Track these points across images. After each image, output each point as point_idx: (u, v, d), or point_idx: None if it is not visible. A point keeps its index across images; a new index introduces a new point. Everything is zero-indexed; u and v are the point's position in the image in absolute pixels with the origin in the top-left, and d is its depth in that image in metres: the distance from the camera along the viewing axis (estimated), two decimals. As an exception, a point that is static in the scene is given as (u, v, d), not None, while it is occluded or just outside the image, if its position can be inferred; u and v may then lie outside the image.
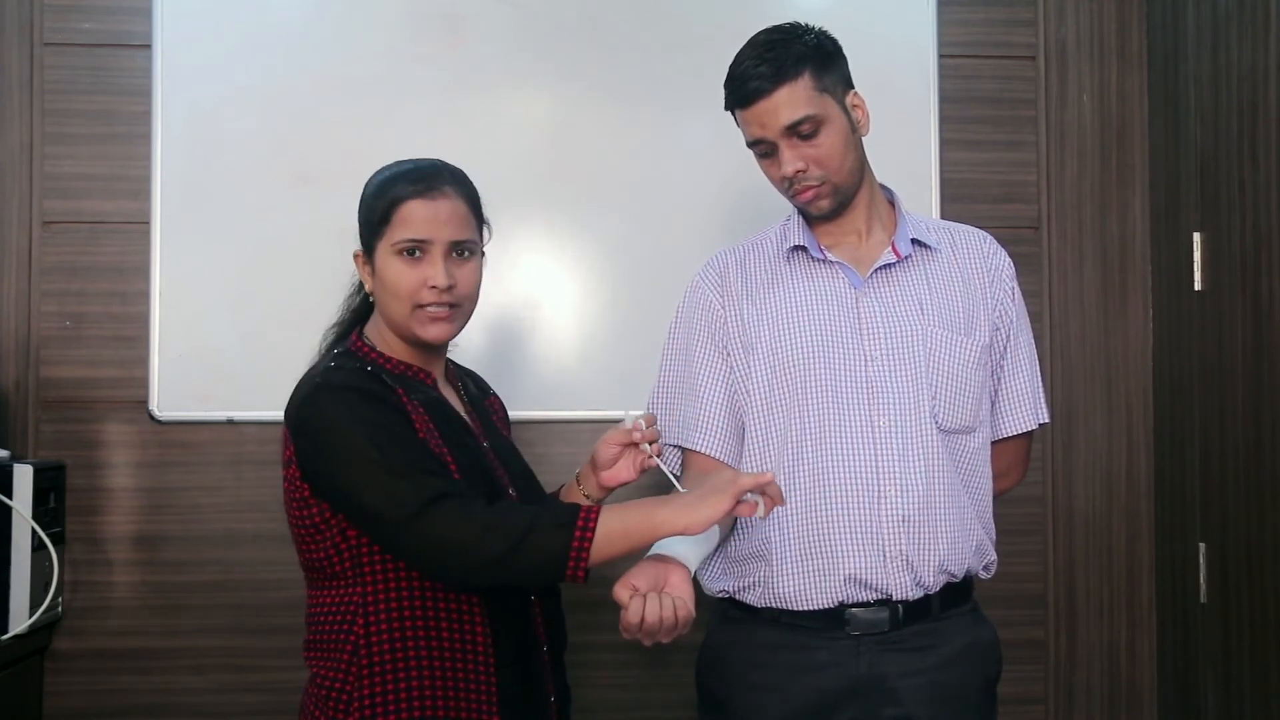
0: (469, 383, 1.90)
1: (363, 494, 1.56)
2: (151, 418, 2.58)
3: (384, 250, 1.70)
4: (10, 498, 2.32)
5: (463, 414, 1.78)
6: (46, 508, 2.41)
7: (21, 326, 2.58)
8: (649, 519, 1.55)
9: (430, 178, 1.73)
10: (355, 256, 1.78)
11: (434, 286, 1.68)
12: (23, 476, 2.34)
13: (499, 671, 1.63)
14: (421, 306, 1.69)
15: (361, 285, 1.81)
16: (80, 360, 2.59)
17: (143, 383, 2.58)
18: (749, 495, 1.55)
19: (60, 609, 2.49)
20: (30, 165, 2.60)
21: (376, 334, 1.76)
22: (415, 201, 1.70)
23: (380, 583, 1.62)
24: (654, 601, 1.54)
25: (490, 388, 1.97)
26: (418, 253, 1.69)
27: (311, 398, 1.64)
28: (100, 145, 2.61)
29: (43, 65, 2.61)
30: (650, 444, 1.77)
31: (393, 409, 1.63)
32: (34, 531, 2.33)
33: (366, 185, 1.78)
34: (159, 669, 2.57)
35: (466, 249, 1.73)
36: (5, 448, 2.45)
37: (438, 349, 1.78)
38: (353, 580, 1.63)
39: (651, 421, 1.79)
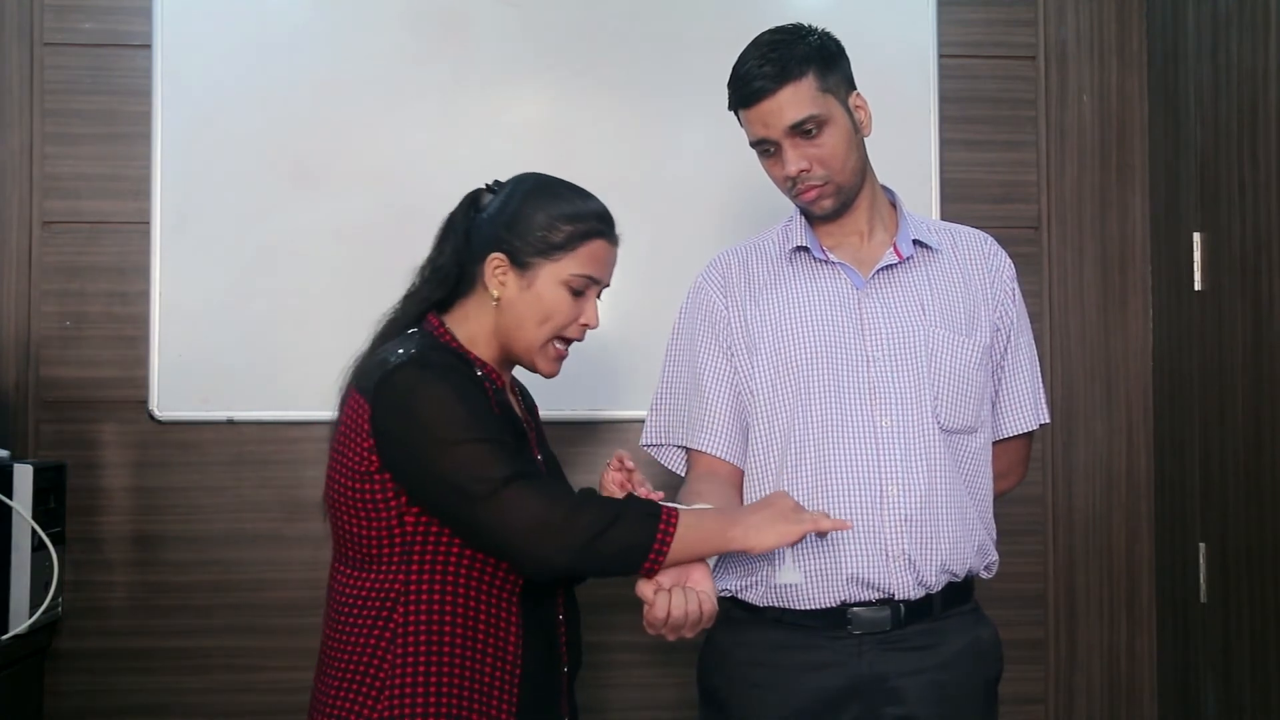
0: (526, 396, 1.89)
1: (447, 465, 1.54)
2: (151, 418, 2.58)
3: (550, 273, 1.68)
4: (10, 498, 2.32)
5: (524, 424, 1.77)
6: (46, 508, 2.40)
7: (21, 326, 2.58)
8: (721, 534, 1.59)
9: (613, 220, 1.74)
10: (491, 260, 1.69)
11: (586, 325, 1.71)
12: (23, 476, 2.33)
13: (522, 682, 1.62)
14: (561, 340, 1.70)
15: (437, 272, 1.74)
16: (80, 360, 2.59)
17: (143, 383, 2.58)
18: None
19: (60, 609, 2.48)
20: (30, 165, 2.60)
21: (463, 329, 1.71)
22: (605, 242, 1.72)
23: (426, 573, 1.59)
24: (679, 596, 1.56)
25: (536, 406, 1.93)
26: (584, 290, 1.70)
27: (403, 368, 1.59)
28: (100, 145, 2.61)
29: (43, 65, 2.61)
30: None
31: (484, 393, 1.63)
32: (34, 531, 2.33)
33: (537, 194, 1.72)
34: (159, 669, 2.57)
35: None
36: (5, 448, 2.45)
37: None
38: (398, 566, 1.60)
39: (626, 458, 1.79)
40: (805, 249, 1.87)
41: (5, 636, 2.30)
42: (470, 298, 1.72)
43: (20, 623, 2.33)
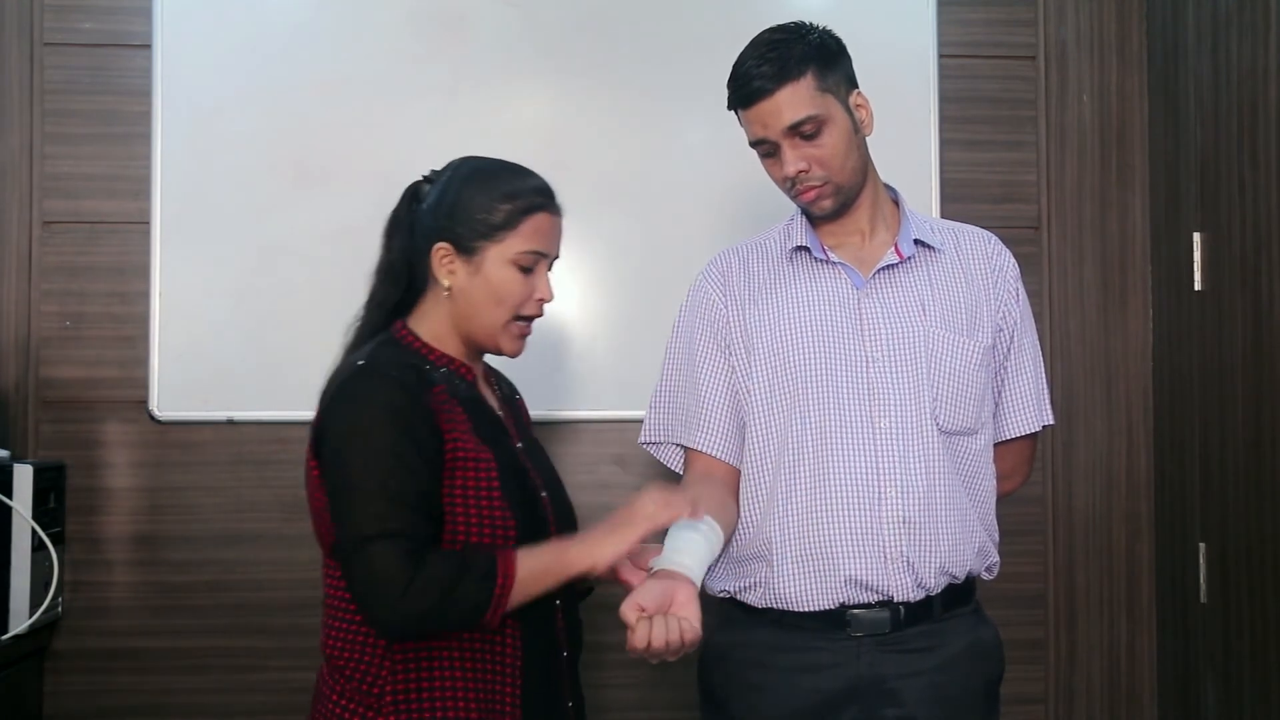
0: (503, 383, 1.88)
1: (341, 509, 1.56)
2: (151, 418, 2.58)
3: (497, 255, 1.66)
4: (10, 498, 2.32)
5: (499, 413, 1.76)
6: (46, 508, 2.40)
7: (21, 326, 2.58)
8: (561, 559, 1.58)
9: (552, 192, 1.72)
10: (437, 250, 1.67)
11: (541, 300, 1.69)
12: (23, 476, 2.34)
13: (524, 675, 1.62)
14: (521, 319, 1.69)
15: (390, 271, 1.73)
16: (80, 360, 2.59)
17: (143, 383, 2.58)
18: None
19: (60, 609, 2.48)
20: (30, 165, 2.60)
21: (425, 327, 1.70)
22: (547, 215, 1.70)
23: None
24: (660, 625, 1.54)
25: (516, 390, 1.92)
26: (534, 267, 1.68)
27: (345, 388, 1.59)
28: (100, 145, 2.61)
29: (43, 65, 2.61)
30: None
31: (419, 418, 1.58)
32: (34, 531, 2.33)
33: (472, 179, 1.70)
34: (159, 669, 2.57)
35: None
36: (5, 448, 2.45)
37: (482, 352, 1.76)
38: None
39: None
40: (806, 249, 1.87)
41: (5, 636, 2.31)
42: (427, 294, 1.71)
43: (20, 623, 2.33)
